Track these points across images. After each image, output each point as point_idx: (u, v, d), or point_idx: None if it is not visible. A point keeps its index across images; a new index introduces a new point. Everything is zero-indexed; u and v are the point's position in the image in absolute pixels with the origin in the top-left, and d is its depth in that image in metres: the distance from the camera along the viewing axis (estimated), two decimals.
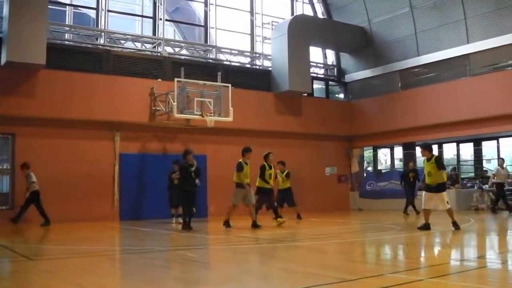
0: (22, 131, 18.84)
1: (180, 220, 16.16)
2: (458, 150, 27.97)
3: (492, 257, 9.24)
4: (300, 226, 15.61)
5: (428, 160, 13.30)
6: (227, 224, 15.43)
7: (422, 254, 10.00)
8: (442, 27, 23.95)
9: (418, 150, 27.46)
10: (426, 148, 13.56)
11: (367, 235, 13.39)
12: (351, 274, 7.26)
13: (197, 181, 15.07)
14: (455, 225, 13.09)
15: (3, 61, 18.08)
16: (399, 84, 26.22)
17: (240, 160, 15.73)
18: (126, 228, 17.17)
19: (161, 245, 11.88)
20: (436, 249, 10.77)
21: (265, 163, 16.71)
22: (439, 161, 13.20)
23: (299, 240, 12.34)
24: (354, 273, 7.33)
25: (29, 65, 18.20)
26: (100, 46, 21.76)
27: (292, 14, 27.15)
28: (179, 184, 15.37)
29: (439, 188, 13.19)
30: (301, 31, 24.68)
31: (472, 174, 27.45)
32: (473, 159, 27.64)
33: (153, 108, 20.92)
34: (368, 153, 30.46)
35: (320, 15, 28.30)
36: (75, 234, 14.51)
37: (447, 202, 13.16)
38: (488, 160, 27.59)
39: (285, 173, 19.41)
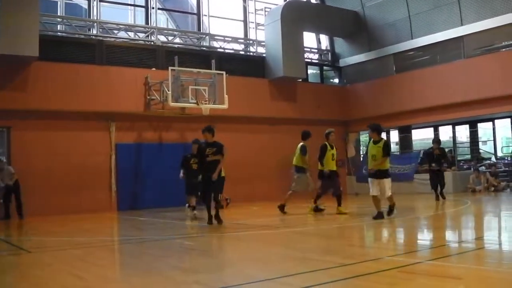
0: (17, 124, 18.78)
1: (195, 212, 14.95)
2: (454, 132, 27.97)
3: (489, 239, 9.27)
4: (297, 212, 15.60)
5: (375, 143, 12.62)
6: (282, 208, 15.19)
7: (420, 237, 10.03)
8: (435, 10, 23.88)
9: (414, 133, 27.57)
10: (375, 129, 12.83)
11: (364, 219, 13.41)
12: (349, 258, 7.28)
13: None
14: (391, 211, 12.56)
15: None
16: (394, 68, 26.19)
17: (302, 143, 15.71)
18: (124, 218, 17.18)
19: (159, 234, 11.89)
20: (434, 232, 10.81)
21: (326, 142, 14.92)
22: (386, 148, 12.53)
23: (296, 226, 12.35)
24: (353, 258, 7.35)
25: (21, 57, 18.08)
26: (93, 37, 21.67)
27: None
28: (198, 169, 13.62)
29: (380, 174, 12.69)
30: (294, 17, 24.59)
31: (468, 156, 27.48)
32: (469, 141, 27.66)
33: (148, 97, 20.87)
34: (364, 137, 30.44)
35: (313, 0, 28.18)
36: (73, 226, 14.51)
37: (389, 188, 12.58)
38: (484, 142, 27.63)
39: None
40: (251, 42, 26.04)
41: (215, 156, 12.50)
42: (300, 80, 25.56)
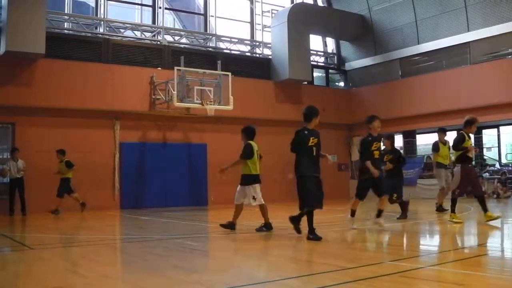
0: (21, 120, 18.82)
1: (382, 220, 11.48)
2: None
3: (492, 245, 9.24)
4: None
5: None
6: (441, 208, 15.08)
7: (422, 242, 10.00)
8: (442, 15, 23.87)
9: (418, 138, 27.51)
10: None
11: (366, 223, 13.38)
12: (351, 262, 7.26)
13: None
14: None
15: (2, 50, 18.04)
16: (399, 72, 26.18)
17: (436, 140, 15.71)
18: (126, 217, 17.18)
19: (161, 233, 11.89)
20: (436, 237, 10.78)
21: (463, 131, 12.29)
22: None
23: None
24: (354, 261, 7.33)
25: (28, 54, 18.16)
26: (100, 35, 21.73)
27: (292, 2, 27.07)
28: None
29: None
30: (301, 19, 24.60)
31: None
32: None
33: (153, 96, 20.91)
34: None
35: (320, 3, 28.18)
36: (75, 223, 14.52)
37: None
38: (489, 148, 27.54)
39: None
40: (257, 43, 26.05)
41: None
42: (306, 82, 25.57)
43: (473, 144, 12.36)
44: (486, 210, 11.77)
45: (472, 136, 12.31)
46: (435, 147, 15.55)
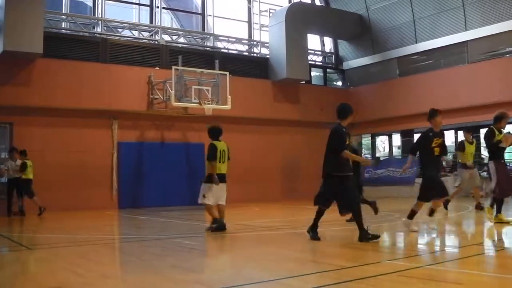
0: (19, 120, 18.81)
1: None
2: (456, 138, 27.90)
3: (490, 244, 9.25)
4: (298, 214, 15.58)
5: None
6: (480, 207, 14.87)
7: (420, 241, 10.00)
8: (440, 14, 23.88)
9: (416, 137, 27.52)
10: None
11: (365, 223, 13.37)
12: (349, 261, 7.26)
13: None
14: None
15: (0, 50, 18.00)
16: (397, 71, 26.21)
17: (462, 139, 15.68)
18: (124, 217, 17.17)
19: (159, 233, 11.88)
20: (434, 236, 10.78)
21: (493, 127, 11.99)
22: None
23: (297, 228, 12.33)
24: (353, 260, 7.33)
25: (25, 54, 18.15)
26: (97, 35, 21.72)
27: (290, 1, 27.07)
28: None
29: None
30: (299, 19, 24.59)
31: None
32: None
33: (151, 96, 20.90)
34: (366, 140, 30.42)
35: (317, 2, 28.18)
36: (73, 223, 14.51)
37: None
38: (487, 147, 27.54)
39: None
40: (255, 43, 26.06)
41: None
42: (304, 82, 25.57)
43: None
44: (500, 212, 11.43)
45: (503, 131, 11.95)
46: (461, 146, 15.55)
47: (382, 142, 32.14)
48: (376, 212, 12.69)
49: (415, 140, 13.91)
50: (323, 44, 29.02)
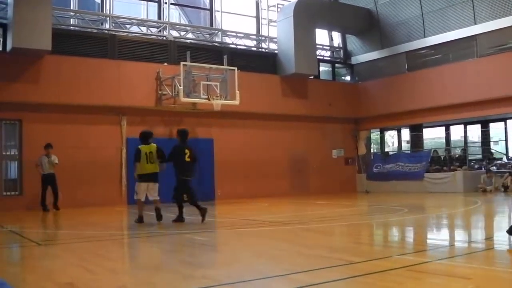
0: (28, 117, 18.88)
1: None
2: (465, 132, 27.86)
3: (499, 239, 9.22)
4: (307, 209, 15.58)
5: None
6: None
7: (429, 236, 10.00)
8: (448, 8, 23.76)
9: (425, 132, 27.49)
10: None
11: (374, 217, 13.38)
12: (358, 256, 7.26)
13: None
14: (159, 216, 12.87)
15: (9, 47, 18.08)
16: (406, 66, 26.12)
17: None
18: (133, 212, 17.18)
19: (169, 229, 11.92)
20: (443, 231, 10.78)
21: None
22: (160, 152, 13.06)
23: (306, 223, 12.35)
24: (362, 255, 7.33)
25: (34, 51, 18.19)
26: (105, 31, 21.75)
27: None
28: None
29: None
30: (307, 13, 24.55)
31: (480, 156, 27.34)
32: (480, 140, 27.52)
33: (159, 92, 20.92)
34: (375, 135, 30.40)
35: None
36: (83, 219, 14.56)
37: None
38: (496, 142, 27.48)
39: None
40: (263, 38, 26.04)
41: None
42: (312, 77, 25.53)
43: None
44: None
45: None
46: None
47: (391, 136, 32.09)
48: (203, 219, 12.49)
49: (423, 135, 13.58)
50: (331, 38, 28.95)
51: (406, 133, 28.88)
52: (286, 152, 24.32)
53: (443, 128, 27.83)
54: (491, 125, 26.79)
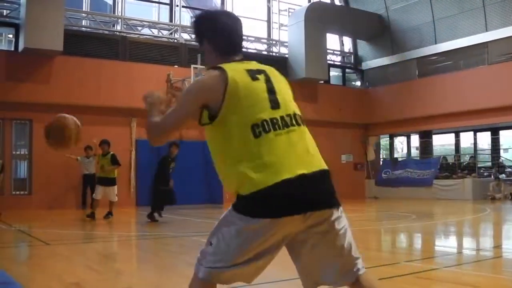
0: (39, 117, 18.88)
1: None
2: (475, 139, 27.79)
3: (508, 247, 9.18)
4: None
5: (104, 155, 14.71)
6: None
7: (437, 243, 9.96)
8: (460, 15, 23.71)
9: (435, 138, 27.40)
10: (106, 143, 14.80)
11: (382, 223, 13.36)
12: (366, 262, 7.20)
13: None
14: (109, 214, 14.47)
15: (21, 47, 18.19)
16: (416, 72, 26.06)
17: None
18: (142, 214, 17.22)
19: (177, 231, 11.94)
20: (452, 238, 10.74)
21: None
22: (114, 158, 14.81)
23: None
24: (369, 261, 7.29)
25: (46, 51, 18.29)
26: (117, 33, 21.81)
27: (309, 0, 26.99)
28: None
29: (111, 181, 14.90)
30: (318, 18, 24.54)
31: (489, 163, 27.25)
32: (490, 148, 27.43)
33: (169, 94, 20.94)
34: (384, 141, 30.34)
35: (337, 2, 28.08)
36: (91, 219, 14.59)
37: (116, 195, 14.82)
38: (506, 150, 27.38)
39: None
40: (274, 42, 26.05)
41: None
42: (322, 82, 25.51)
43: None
44: None
45: None
46: None
47: (400, 143, 32.04)
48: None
49: (432, 141, 13.71)
50: (342, 43, 28.94)
51: (415, 139, 28.80)
52: None
53: (452, 134, 27.76)
54: (501, 132, 26.69)
